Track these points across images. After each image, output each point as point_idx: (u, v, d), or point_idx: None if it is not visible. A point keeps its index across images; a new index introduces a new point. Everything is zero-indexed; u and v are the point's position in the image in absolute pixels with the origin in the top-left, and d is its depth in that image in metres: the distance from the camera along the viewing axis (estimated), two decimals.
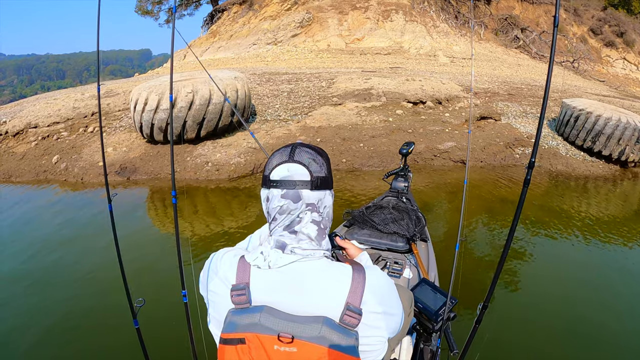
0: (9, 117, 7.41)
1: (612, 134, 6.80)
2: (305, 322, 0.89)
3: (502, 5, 21.60)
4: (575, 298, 3.38)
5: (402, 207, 2.90)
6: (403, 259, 2.48)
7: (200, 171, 5.75)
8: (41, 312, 3.10)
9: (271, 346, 0.88)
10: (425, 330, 1.66)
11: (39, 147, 6.79)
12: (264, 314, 0.90)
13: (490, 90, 10.05)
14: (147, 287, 3.28)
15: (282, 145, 1.03)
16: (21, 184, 5.92)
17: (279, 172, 0.96)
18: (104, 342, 2.75)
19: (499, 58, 17.97)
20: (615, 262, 4.04)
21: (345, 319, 0.90)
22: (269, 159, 1.00)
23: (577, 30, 21.67)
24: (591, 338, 2.92)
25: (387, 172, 3.38)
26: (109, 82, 12.09)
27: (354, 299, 0.92)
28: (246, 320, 0.90)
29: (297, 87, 9.06)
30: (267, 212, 1.01)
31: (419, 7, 19.66)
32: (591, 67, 19.16)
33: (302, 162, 0.97)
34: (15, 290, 3.40)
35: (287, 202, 0.96)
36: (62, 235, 4.40)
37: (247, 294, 0.92)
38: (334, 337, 0.88)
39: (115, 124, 7.51)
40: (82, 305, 3.19)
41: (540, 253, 4.07)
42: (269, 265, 0.94)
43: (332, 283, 0.93)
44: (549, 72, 1.13)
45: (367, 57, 16.07)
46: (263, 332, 0.88)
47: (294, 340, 0.87)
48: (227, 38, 19.55)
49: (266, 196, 0.99)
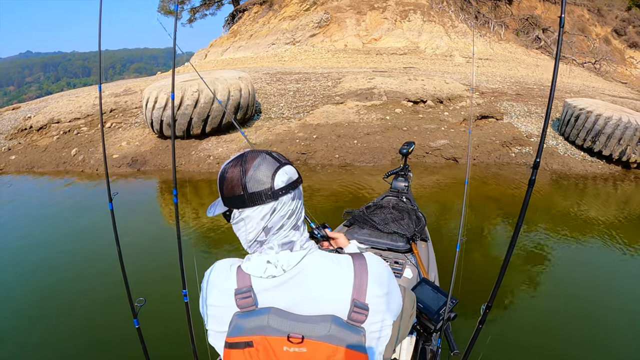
0: (34, 112, 8.03)
1: (612, 133, 6.73)
2: (314, 321, 0.90)
3: (524, 5, 21.28)
4: (577, 298, 3.39)
5: (402, 206, 2.91)
6: (403, 258, 2.48)
7: (203, 164, 6.15)
8: (40, 310, 3.10)
9: (280, 348, 0.87)
10: (426, 330, 1.68)
11: (60, 140, 7.33)
12: (272, 315, 0.89)
13: (498, 90, 10.08)
14: (148, 285, 3.28)
15: (235, 159, 0.98)
16: (42, 175, 6.44)
17: (282, 179, 0.94)
18: (105, 341, 2.74)
19: (518, 59, 17.76)
20: (615, 260, 4.04)
21: (353, 316, 0.92)
22: (248, 176, 0.92)
23: (600, 31, 21.14)
24: (595, 339, 2.93)
25: (387, 171, 3.37)
26: (130, 80, 12.71)
27: (359, 294, 0.93)
28: (253, 323, 0.89)
29: (304, 86, 9.38)
30: (267, 226, 0.95)
31: (438, 7, 19.63)
32: (613, 69, 18.67)
33: (288, 162, 0.99)
34: (14, 289, 3.41)
35: (296, 202, 0.98)
36: (67, 228, 4.57)
37: (252, 296, 0.91)
38: (343, 335, 0.89)
39: (132, 120, 7.99)
40: (83, 304, 3.19)
41: (543, 253, 4.07)
42: (283, 269, 0.93)
43: (336, 280, 0.95)
44: (554, 73, 1.13)
45: (383, 57, 16.20)
46: (272, 334, 0.88)
47: (304, 340, 0.87)
48: (247, 38, 20.02)
49: (271, 208, 0.94)
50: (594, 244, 4.36)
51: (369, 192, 5.27)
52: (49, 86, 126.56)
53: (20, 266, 3.79)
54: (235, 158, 0.97)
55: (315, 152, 6.28)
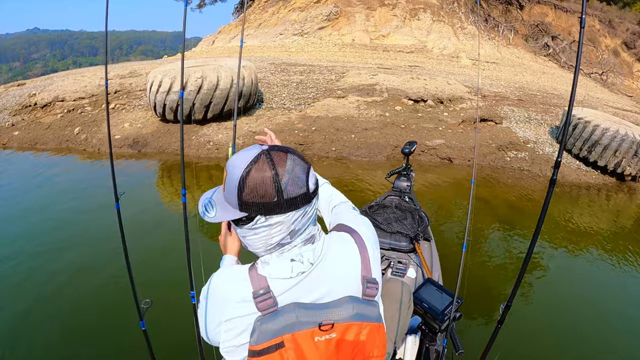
0: (39, 89, 8.12)
1: (608, 144, 6.78)
2: (338, 305, 0.91)
3: (535, 11, 21.23)
4: (592, 300, 3.47)
5: (405, 206, 2.91)
6: (407, 258, 2.50)
7: (202, 149, 6.25)
8: (44, 310, 3.04)
9: (312, 340, 0.87)
10: (431, 330, 1.68)
11: (64, 119, 7.42)
12: (299, 310, 0.88)
13: (501, 94, 10.13)
14: (155, 286, 3.22)
15: (257, 159, 0.86)
16: (44, 151, 6.55)
17: (312, 181, 0.91)
18: (111, 343, 2.72)
19: (524, 64, 17.76)
20: (601, 268, 4.13)
21: (367, 292, 0.95)
22: (285, 182, 0.85)
23: (610, 43, 21.10)
24: (607, 342, 2.98)
25: (389, 171, 3.33)
26: (136, 62, 12.76)
27: (367, 270, 0.97)
28: (281, 323, 0.86)
29: (307, 78, 9.46)
30: (294, 229, 0.90)
31: (448, 7, 19.61)
32: (620, 81, 18.68)
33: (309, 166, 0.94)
34: (14, 287, 3.33)
35: (318, 200, 0.97)
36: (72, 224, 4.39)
37: (272, 297, 0.88)
38: (365, 311, 0.93)
39: (135, 103, 8.08)
40: (89, 306, 3.13)
41: (555, 259, 4.16)
42: (310, 263, 0.91)
43: (346, 261, 0.97)
44: (574, 80, 1.12)
45: (389, 54, 16.22)
46: (302, 328, 0.86)
47: (334, 325, 0.88)
48: (255, 26, 20.03)
49: (303, 212, 0.89)
50: (582, 252, 4.42)
51: (363, 186, 5.38)
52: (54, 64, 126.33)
53: (23, 263, 3.65)
54: (257, 158, 0.86)
55: (313, 143, 6.37)
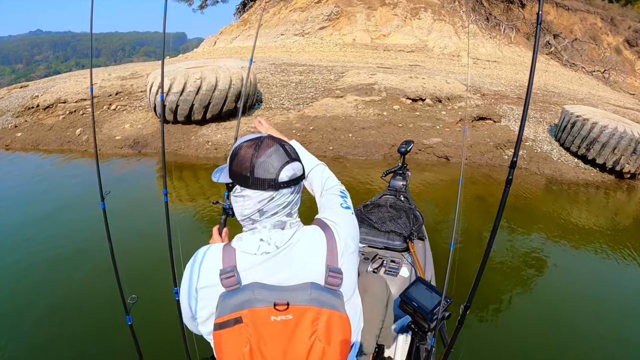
0: (42, 91, 8.23)
1: (607, 142, 6.75)
2: (296, 289, 0.97)
3: (537, 9, 21.15)
4: (558, 300, 3.44)
5: (399, 205, 2.90)
6: (400, 257, 2.48)
7: (201, 149, 6.32)
8: (29, 306, 3.04)
9: (268, 318, 0.92)
10: (420, 329, 1.70)
11: (65, 120, 7.51)
12: (257, 289, 0.95)
13: (500, 93, 10.15)
14: (140, 282, 3.18)
15: (252, 140, 1.04)
16: (46, 152, 6.64)
17: (287, 174, 1.01)
18: (97, 338, 2.74)
19: (526, 63, 17.70)
20: (596, 264, 4.14)
21: (329, 281, 1.00)
22: (259, 162, 0.99)
23: (612, 40, 21.02)
24: (607, 341, 2.97)
25: (385, 170, 3.31)
26: (137, 64, 12.87)
27: (333, 261, 1.03)
28: (240, 299, 0.94)
29: (306, 78, 9.52)
30: (262, 209, 1.03)
31: (449, 6, 19.61)
32: (622, 79, 18.60)
33: (297, 159, 1.06)
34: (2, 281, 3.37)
35: (294, 195, 1.06)
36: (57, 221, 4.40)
37: (236, 275, 0.97)
38: (324, 298, 0.97)
39: (136, 104, 8.16)
40: (75, 301, 3.14)
41: (530, 255, 4.12)
42: (276, 246, 1.01)
43: (312, 250, 1.04)
44: (531, 73, 1.15)
45: (390, 54, 16.25)
46: (258, 305, 0.93)
47: (289, 306, 0.93)
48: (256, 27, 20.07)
49: (270, 196, 1.01)
50: (582, 250, 4.43)
51: (359, 184, 5.42)
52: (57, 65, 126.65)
53: (7, 260, 3.68)
54: (253, 139, 1.04)
55: (311, 143, 6.42)
